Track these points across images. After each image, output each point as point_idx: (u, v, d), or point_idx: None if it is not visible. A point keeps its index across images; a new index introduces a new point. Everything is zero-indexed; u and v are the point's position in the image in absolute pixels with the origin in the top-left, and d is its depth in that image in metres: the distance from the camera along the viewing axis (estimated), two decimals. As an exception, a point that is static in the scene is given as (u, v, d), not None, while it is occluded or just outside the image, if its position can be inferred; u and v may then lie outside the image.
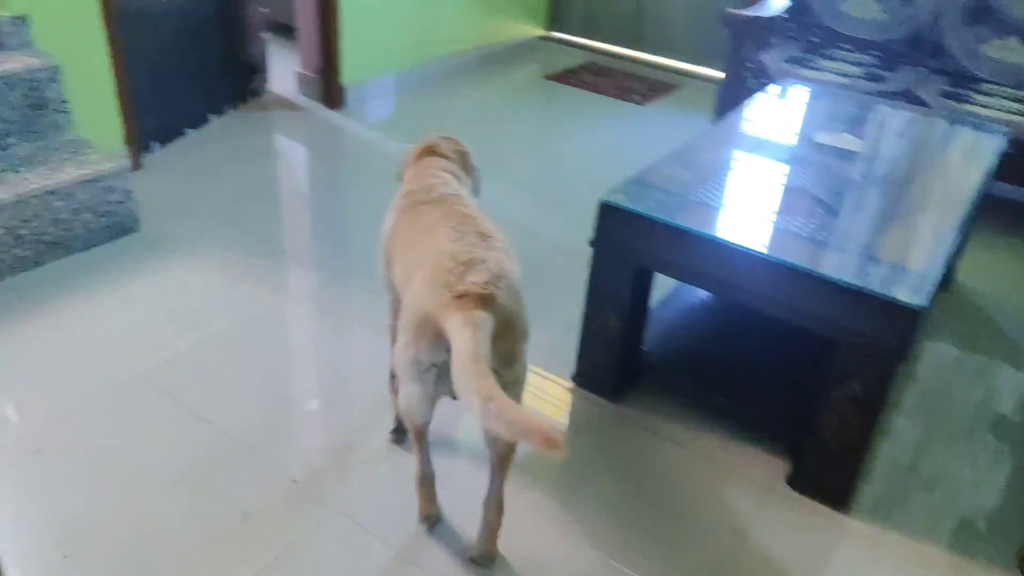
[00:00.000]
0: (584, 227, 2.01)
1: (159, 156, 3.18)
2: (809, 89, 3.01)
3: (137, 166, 3.00)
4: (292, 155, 3.50)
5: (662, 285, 2.20)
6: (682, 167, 2.20)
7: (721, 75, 3.76)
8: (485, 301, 1.33)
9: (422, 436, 1.60)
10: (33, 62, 2.46)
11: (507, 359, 1.39)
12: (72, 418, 1.89)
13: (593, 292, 2.06)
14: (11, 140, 2.47)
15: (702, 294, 2.44)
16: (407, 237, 1.59)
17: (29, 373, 2.01)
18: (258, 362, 2.13)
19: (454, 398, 1.40)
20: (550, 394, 2.14)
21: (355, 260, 2.64)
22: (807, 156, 2.33)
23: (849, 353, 1.71)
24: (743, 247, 1.78)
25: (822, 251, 1.80)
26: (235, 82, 3.68)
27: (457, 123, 3.82)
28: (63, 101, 2.56)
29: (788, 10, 3.80)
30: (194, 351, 2.14)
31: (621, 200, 1.94)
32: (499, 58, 4.79)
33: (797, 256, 1.75)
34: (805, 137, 2.46)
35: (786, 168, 2.28)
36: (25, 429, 1.85)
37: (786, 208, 2.01)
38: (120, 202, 2.53)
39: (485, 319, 1.31)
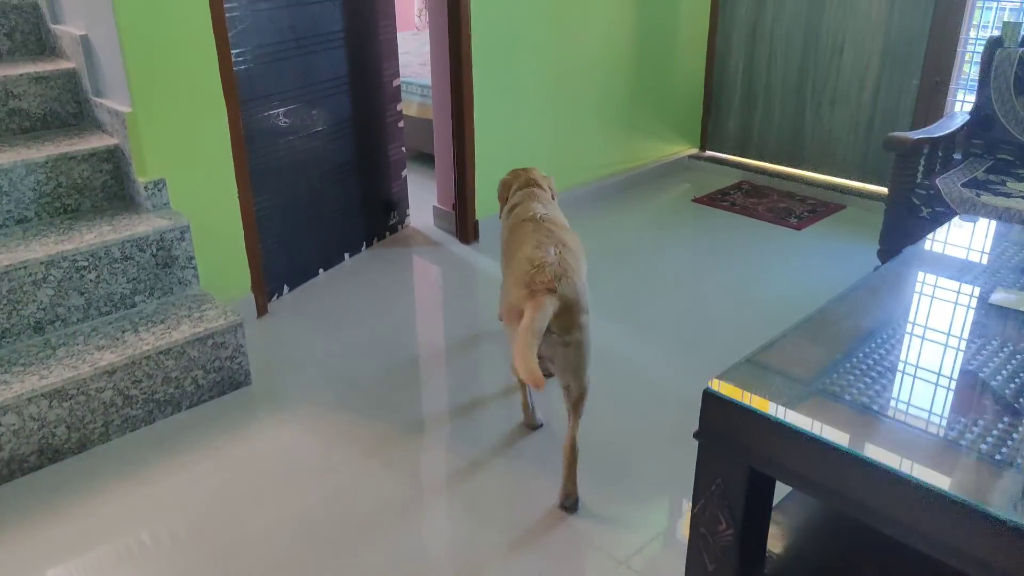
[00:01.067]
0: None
1: (288, 300, 3.24)
2: (994, 224, 2.54)
3: (262, 312, 3.06)
4: (419, 296, 3.46)
5: (791, 480, 1.83)
6: (813, 340, 1.85)
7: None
8: (550, 292, 1.89)
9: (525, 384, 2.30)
10: (163, 223, 2.58)
11: (566, 327, 1.94)
12: (137, 605, 1.82)
13: (701, 491, 1.74)
14: (138, 299, 2.58)
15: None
16: (510, 246, 2.22)
17: (104, 541, 1.99)
18: (336, 555, 1.98)
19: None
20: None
21: (469, 429, 2.48)
22: (983, 325, 1.90)
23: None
24: (869, 460, 1.41)
25: (985, 469, 1.39)
26: (372, 220, 3.75)
27: (594, 255, 3.64)
28: (190, 258, 2.65)
29: (967, 125, 3.34)
30: (272, 532, 2.03)
31: (727, 389, 1.64)
32: (647, 180, 4.60)
33: (942, 476, 1.36)
34: (982, 296, 2.02)
35: (953, 342, 1.86)
36: (91, 615, 1.80)
37: (943, 403, 1.61)
38: (231, 358, 2.55)
39: (548, 304, 1.87)
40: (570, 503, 2.08)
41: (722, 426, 1.66)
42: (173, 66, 2.59)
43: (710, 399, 1.66)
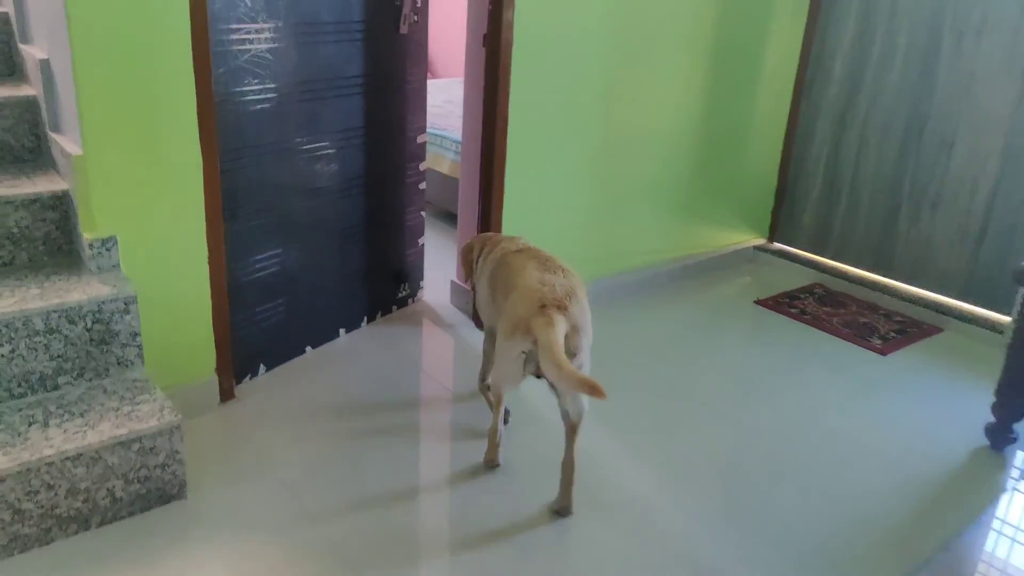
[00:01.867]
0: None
1: (262, 382, 2.75)
2: None
3: (227, 396, 2.58)
4: (422, 389, 2.91)
5: None
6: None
7: (1006, 319, 2.71)
8: (560, 310, 1.97)
9: (502, 401, 2.29)
10: (104, 291, 2.12)
11: (571, 350, 1.97)
12: None
13: None
14: (63, 380, 2.12)
15: None
16: (505, 276, 2.21)
17: None
18: None
19: (537, 376, 2.04)
20: None
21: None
22: None
23: None
24: None
25: None
26: (378, 291, 3.27)
27: (626, 356, 3.08)
28: (134, 335, 2.19)
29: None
30: None
31: None
32: (702, 271, 4.03)
33: None
34: None
35: None
36: None
37: None
38: (163, 466, 2.06)
39: (561, 320, 1.95)
40: (565, 513, 2.17)
41: None
42: (139, 104, 2.15)
43: None
